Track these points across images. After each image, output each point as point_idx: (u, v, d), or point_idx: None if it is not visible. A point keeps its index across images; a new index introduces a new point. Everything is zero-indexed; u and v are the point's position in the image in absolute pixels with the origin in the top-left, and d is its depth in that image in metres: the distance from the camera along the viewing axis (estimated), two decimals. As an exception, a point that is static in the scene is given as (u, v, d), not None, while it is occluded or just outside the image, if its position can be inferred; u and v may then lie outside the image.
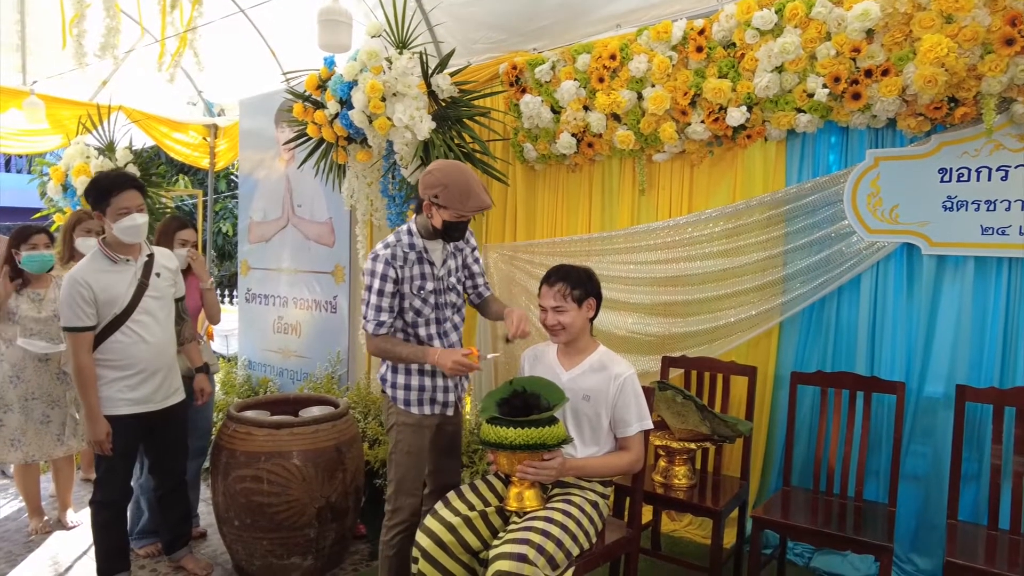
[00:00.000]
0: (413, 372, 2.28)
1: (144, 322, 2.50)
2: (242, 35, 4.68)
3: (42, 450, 3.09)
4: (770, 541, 2.88)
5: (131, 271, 2.51)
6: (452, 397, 2.34)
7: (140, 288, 2.51)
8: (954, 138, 2.56)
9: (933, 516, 2.63)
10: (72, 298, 2.38)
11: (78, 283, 2.39)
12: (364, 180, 3.57)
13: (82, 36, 3.42)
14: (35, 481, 3.26)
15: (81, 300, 2.38)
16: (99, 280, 2.42)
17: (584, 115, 3.28)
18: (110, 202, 2.42)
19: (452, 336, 2.35)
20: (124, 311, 2.46)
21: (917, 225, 2.64)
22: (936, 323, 2.64)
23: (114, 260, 2.48)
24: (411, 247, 2.22)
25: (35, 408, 3.05)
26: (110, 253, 2.48)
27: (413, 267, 2.21)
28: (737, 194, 3.06)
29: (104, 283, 2.43)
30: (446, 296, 2.31)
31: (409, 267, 2.21)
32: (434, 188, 2.12)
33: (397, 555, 2.27)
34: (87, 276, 2.41)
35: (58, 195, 4.73)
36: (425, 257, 2.23)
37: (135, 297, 2.49)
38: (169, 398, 2.64)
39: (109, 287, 2.44)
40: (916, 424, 2.69)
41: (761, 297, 2.98)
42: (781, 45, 2.70)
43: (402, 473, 2.28)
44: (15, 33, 4.80)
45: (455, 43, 3.70)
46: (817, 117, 2.77)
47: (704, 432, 2.58)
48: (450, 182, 2.10)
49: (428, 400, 2.29)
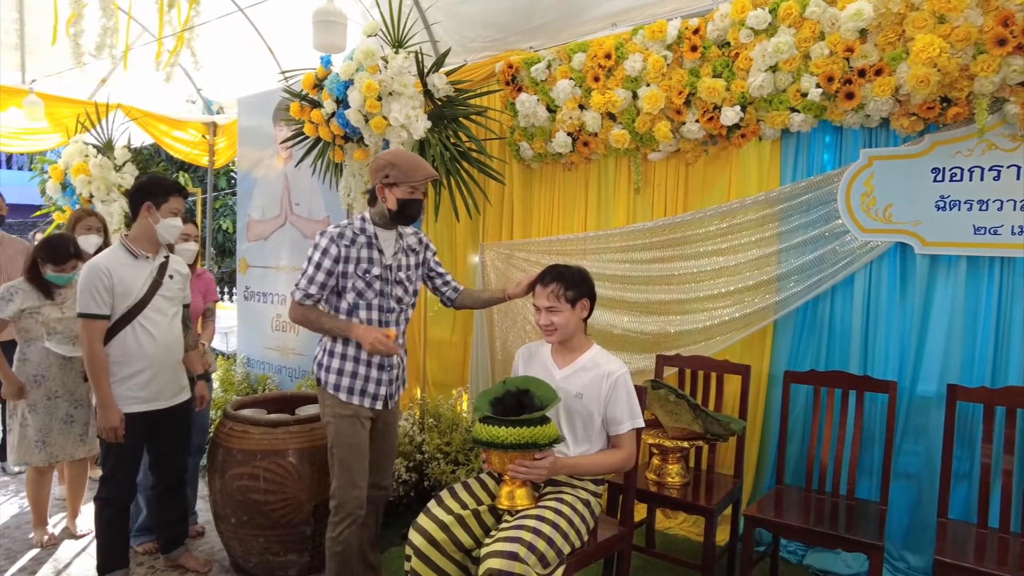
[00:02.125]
0: (348, 359, 2.33)
1: (155, 319, 2.57)
2: (241, 34, 4.69)
3: (65, 450, 3.06)
4: (763, 539, 2.89)
5: (148, 268, 2.58)
6: (384, 391, 2.39)
7: (154, 286, 2.58)
8: (947, 138, 2.57)
9: (925, 514, 2.65)
10: (92, 284, 2.44)
11: (100, 271, 2.46)
12: (361, 179, 3.58)
13: (79, 35, 3.43)
14: (47, 488, 3.21)
15: (101, 287, 2.44)
16: (119, 272, 2.50)
17: (580, 114, 3.29)
18: (169, 200, 2.56)
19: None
20: (136, 305, 2.53)
21: (910, 224, 2.64)
22: (929, 322, 2.65)
23: (135, 255, 2.56)
24: (362, 231, 2.32)
25: (59, 407, 3.02)
26: (132, 248, 2.56)
27: (361, 250, 2.30)
28: (732, 193, 3.07)
29: (122, 275, 2.50)
30: (392, 288, 2.36)
31: (356, 249, 2.29)
32: (384, 169, 2.26)
33: (344, 550, 2.34)
34: (109, 265, 2.48)
35: (57, 194, 4.74)
36: (375, 243, 2.33)
37: (148, 293, 2.56)
38: (177, 396, 2.69)
39: (126, 280, 2.51)
40: (908, 423, 2.70)
41: (755, 296, 2.99)
42: (775, 45, 2.70)
43: (347, 465, 2.32)
44: (14, 32, 4.81)
45: (451, 42, 3.71)
46: (811, 116, 2.78)
47: (697, 431, 2.60)
48: (397, 160, 2.26)
49: (359, 391, 2.34)
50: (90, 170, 4.43)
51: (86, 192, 4.47)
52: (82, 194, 4.50)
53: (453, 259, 4.07)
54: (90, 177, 4.43)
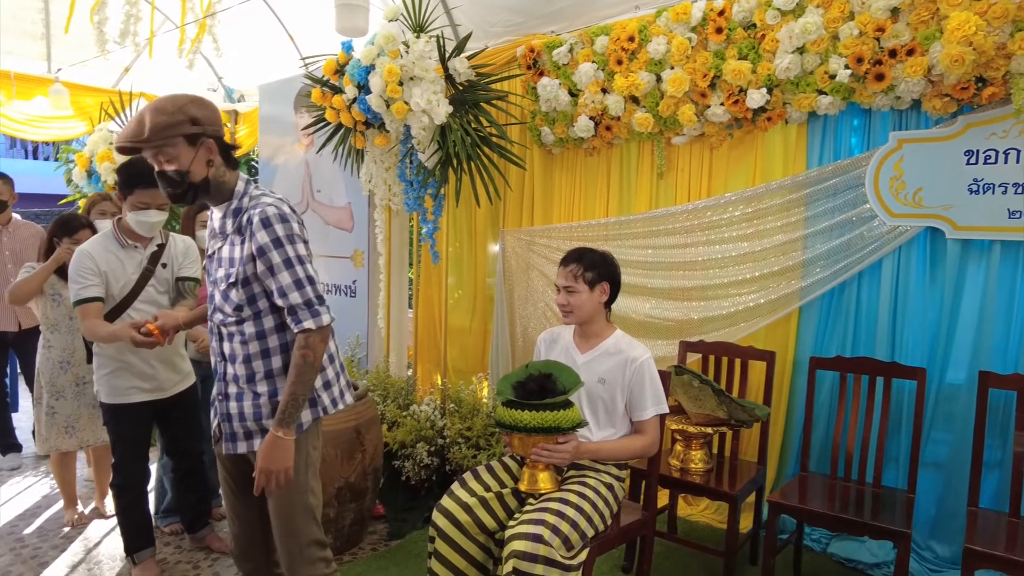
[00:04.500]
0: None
1: (147, 312, 2.49)
2: (261, 21, 4.69)
3: (95, 435, 3.10)
4: (787, 526, 2.87)
5: (138, 257, 2.53)
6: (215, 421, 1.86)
7: (145, 275, 2.53)
8: (981, 119, 2.50)
9: (953, 503, 2.61)
10: (79, 270, 2.40)
11: (84, 255, 2.42)
12: (382, 165, 3.58)
13: (103, 23, 3.46)
14: (72, 470, 3.27)
15: (88, 272, 2.40)
16: (106, 259, 2.45)
17: (602, 98, 3.26)
18: (133, 191, 2.44)
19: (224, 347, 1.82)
20: (127, 297, 2.49)
21: (941, 209, 2.59)
22: (959, 308, 2.60)
23: (122, 244, 2.51)
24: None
25: (87, 392, 3.05)
26: (120, 236, 2.51)
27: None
28: (757, 177, 3.02)
29: (109, 263, 2.46)
30: (213, 288, 1.84)
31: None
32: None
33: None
34: (94, 251, 2.44)
35: (83, 181, 4.81)
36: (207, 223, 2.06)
37: (139, 284, 2.51)
38: (179, 384, 2.67)
39: (114, 268, 2.46)
40: (937, 410, 2.65)
41: (780, 282, 2.95)
42: (803, 25, 2.65)
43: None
44: (39, 21, 4.86)
45: (472, 26, 3.68)
46: (839, 99, 2.72)
47: (721, 417, 2.58)
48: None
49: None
50: (114, 157, 4.48)
51: (111, 179, 4.53)
52: (107, 181, 4.56)
53: (474, 246, 4.07)
54: (114, 164, 4.48)
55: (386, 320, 3.93)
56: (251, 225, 1.69)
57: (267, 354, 1.76)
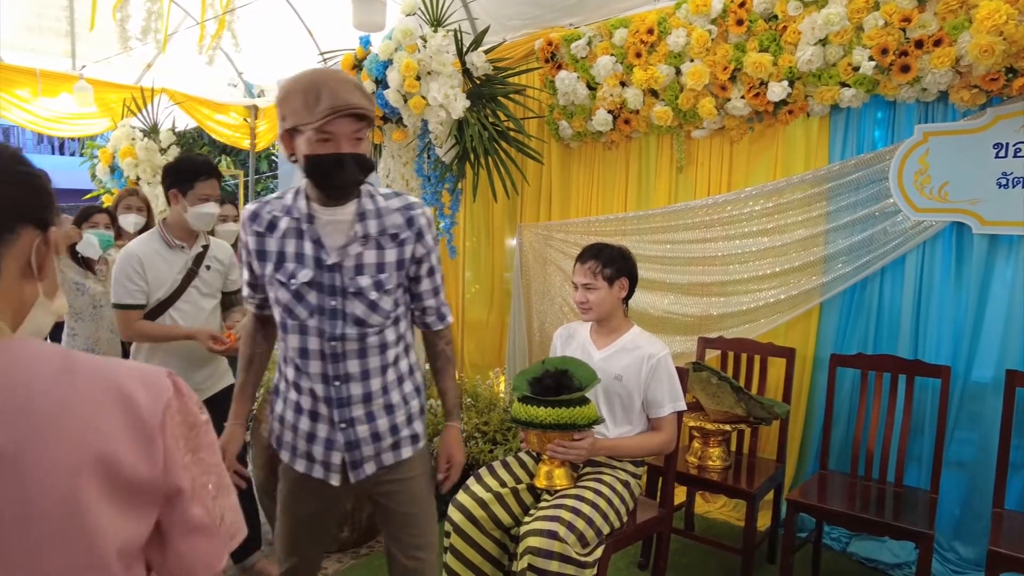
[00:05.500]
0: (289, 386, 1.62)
1: (188, 312, 2.42)
2: (280, 16, 4.72)
3: None
4: (806, 525, 2.84)
5: (183, 258, 2.43)
6: (337, 456, 1.58)
7: (189, 276, 2.43)
8: (1011, 111, 2.43)
9: (978, 504, 2.56)
10: (126, 273, 2.32)
11: (132, 258, 2.34)
12: (400, 160, 3.59)
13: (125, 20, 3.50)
14: None
15: (135, 275, 2.32)
16: (152, 260, 2.36)
17: (621, 91, 3.23)
18: (194, 186, 2.34)
19: (350, 367, 1.54)
20: (169, 297, 2.40)
21: (968, 203, 2.53)
22: (986, 305, 2.54)
23: (169, 244, 2.40)
24: (287, 210, 1.53)
25: None
26: (167, 236, 2.40)
27: (284, 240, 1.52)
28: (778, 171, 2.98)
29: (155, 264, 2.37)
30: (342, 302, 1.51)
31: (277, 239, 1.52)
32: (279, 110, 1.46)
33: None
34: (141, 253, 2.36)
35: (106, 176, 4.88)
36: (306, 230, 1.51)
37: (182, 285, 2.42)
38: (219, 382, 2.59)
39: (159, 269, 2.38)
40: (962, 409, 2.60)
41: (801, 277, 2.91)
42: (825, 16, 2.59)
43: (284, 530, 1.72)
44: (64, 19, 4.94)
45: (490, 20, 3.66)
46: (862, 91, 2.66)
47: (739, 414, 2.55)
48: (291, 87, 1.42)
49: (299, 450, 1.62)
50: (136, 153, 4.55)
51: (133, 175, 4.59)
52: (129, 176, 4.62)
53: (491, 241, 4.06)
54: (137, 160, 4.55)
55: (403, 314, 3.93)
56: (414, 226, 1.56)
57: (396, 361, 1.62)
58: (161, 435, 0.73)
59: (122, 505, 0.69)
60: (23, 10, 4.80)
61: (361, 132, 1.44)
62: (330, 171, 1.43)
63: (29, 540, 0.65)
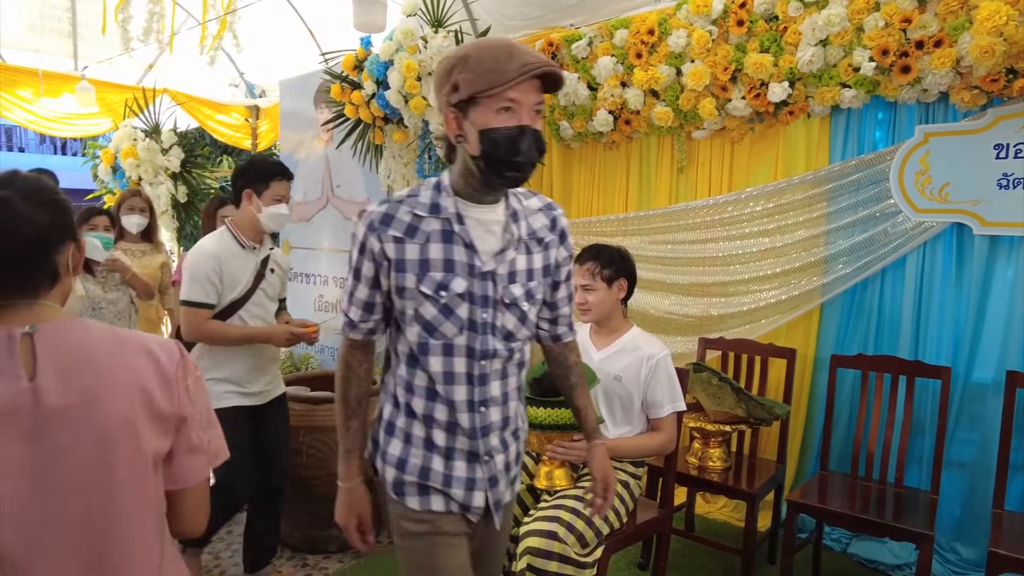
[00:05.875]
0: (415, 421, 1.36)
1: (256, 314, 2.39)
2: (281, 17, 4.73)
3: None
4: (806, 525, 2.84)
5: (255, 260, 2.39)
6: (478, 496, 1.36)
7: (258, 279, 2.40)
8: (1012, 112, 2.43)
9: (978, 505, 2.55)
10: (204, 272, 2.26)
11: (210, 257, 2.28)
12: (400, 160, 3.60)
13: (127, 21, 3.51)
14: None
15: (213, 275, 2.27)
16: (228, 261, 2.32)
17: (621, 92, 3.23)
18: (270, 186, 2.33)
19: (492, 389, 1.34)
20: (241, 298, 2.35)
21: (969, 204, 2.53)
22: (987, 306, 2.54)
23: (243, 244, 2.36)
24: (432, 209, 1.30)
25: None
26: (240, 236, 2.35)
27: (428, 246, 1.29)
28: (779, 172, 2.98)
29: (231, 264, 2.32)
30: (493, 314, 1.32)
31: (419, 244, 1.29)
32: (448, 80, 1.25)
33: None
34: (218, 252, 2.30)
35: (108, 176, 4.90)
36: (457, 232, 1.29)
37: (253, 286, 2.38)
38: (277, 388, 2.56)
39: (234, 269, 2.33)
40: (963, 410, 2.60)
41: (802, 278, 2.91)
42: (826, 17, 2.59)
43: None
44: (66, 20, 4.95)
45: (491, 20, 3.67)
46: (863, 92, 2.66)
47: (740, 415, 2.55)
48: (471, 52, 1.24)
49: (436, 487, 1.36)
50: (138, 153, 4.56)
51: (135, 175, 4.61)
52: (131, 177, 4.64)
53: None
54: (138, 160, 4.56)
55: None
56: (557, 228, 1.41)
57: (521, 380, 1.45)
58: (175, 381, 1.03)
59: (156, 427, 1.00)
60: (25, 10, 4.82)
61: (541, 106, 1.26)
62: (514, 147, 1.21)
63: (108, 455, 0.95)
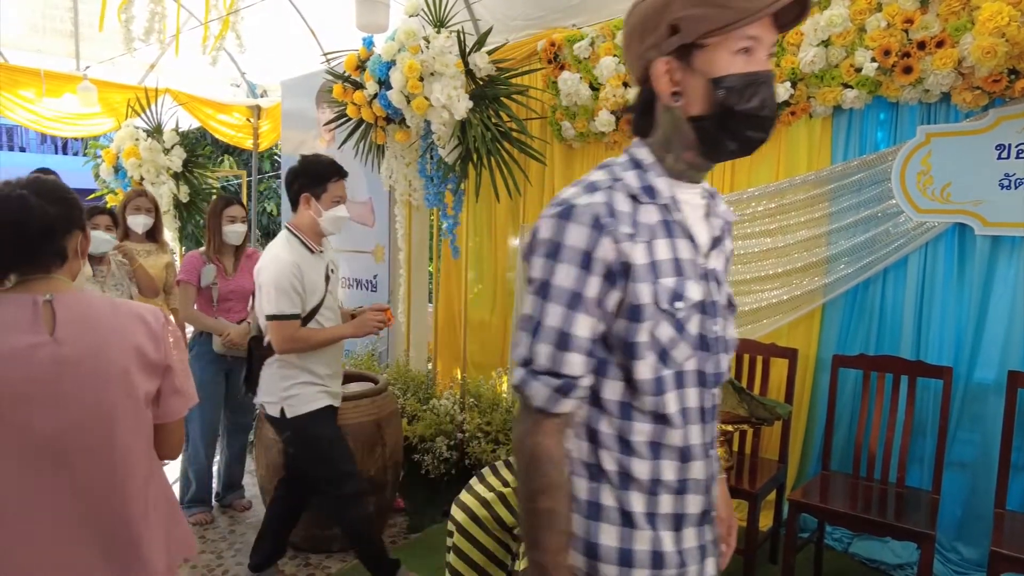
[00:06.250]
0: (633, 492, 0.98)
1: (330, 317, 2.38)
2: (283, 17, 4.73)
3: None
4: (808, 525, 2.84)
5: (323, 263, 2.36)
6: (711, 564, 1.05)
7: (326, 281, 2.38)
8: (1014, 112, 2.44)
9: (980, 505, 2.56)
10: (290, 282, 2.20)
11: (292, 266, 2.22)
12: (402, 160, 3.60)
13: (130, 21, 3.51)
14: None
15: (297, 283, 2.22)
16: (306, 269, 2.28)
17: (624, 92, 3.23)
18: (327, 188, 2.28)
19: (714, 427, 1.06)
20: (319, 304, 2.32)
21: (971, 204, 2.53)
22: (988, 306, 2.54)
23: (312, 250, 2.32)
24: (646, 192, 0.98)
25: None
26: (309, 242, 2.32)
27: (654, 244, 0.97)
28: (780, 172, 2.98)
29: (309, 272, 2.29)
30: (724, 323, 1.06)
31: (646, 242, 0.96)
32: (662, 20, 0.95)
33: None
34: (299, 262, 2.25)
35: (110, 176, 4.90)
36: (677, 221, 1.00)
37: (325, 290, 2.36)
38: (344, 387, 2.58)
39: (311, 276, 2.29)
40: (964, 410, 2.60)
41: (804, 278, 2.92)
42: (828, 17, 2.60)
43: None
44: (68, 19, 4.95)
45: (493, 20, 3.67)
46: (865, 92, 2.67)
47: (742, 414, 2.55)
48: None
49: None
50: (140, 153, 4.56)
51: (137, 175, 4.61)
52: (133, 177, 4.64)
53: (493, 241, 4.07)
54: (140, 160, 4.56)
55: (406, 314, 3.95)
56: (727, 220, 1.09)
57: None
58: (163, 338, 1.33)
59: (146, 373, 1.30)
60: (27, 11, 4.82)
61: (774, 48, 1.01)
62: (758, 98, 0.93)
63: (109, 396, 1.24)
